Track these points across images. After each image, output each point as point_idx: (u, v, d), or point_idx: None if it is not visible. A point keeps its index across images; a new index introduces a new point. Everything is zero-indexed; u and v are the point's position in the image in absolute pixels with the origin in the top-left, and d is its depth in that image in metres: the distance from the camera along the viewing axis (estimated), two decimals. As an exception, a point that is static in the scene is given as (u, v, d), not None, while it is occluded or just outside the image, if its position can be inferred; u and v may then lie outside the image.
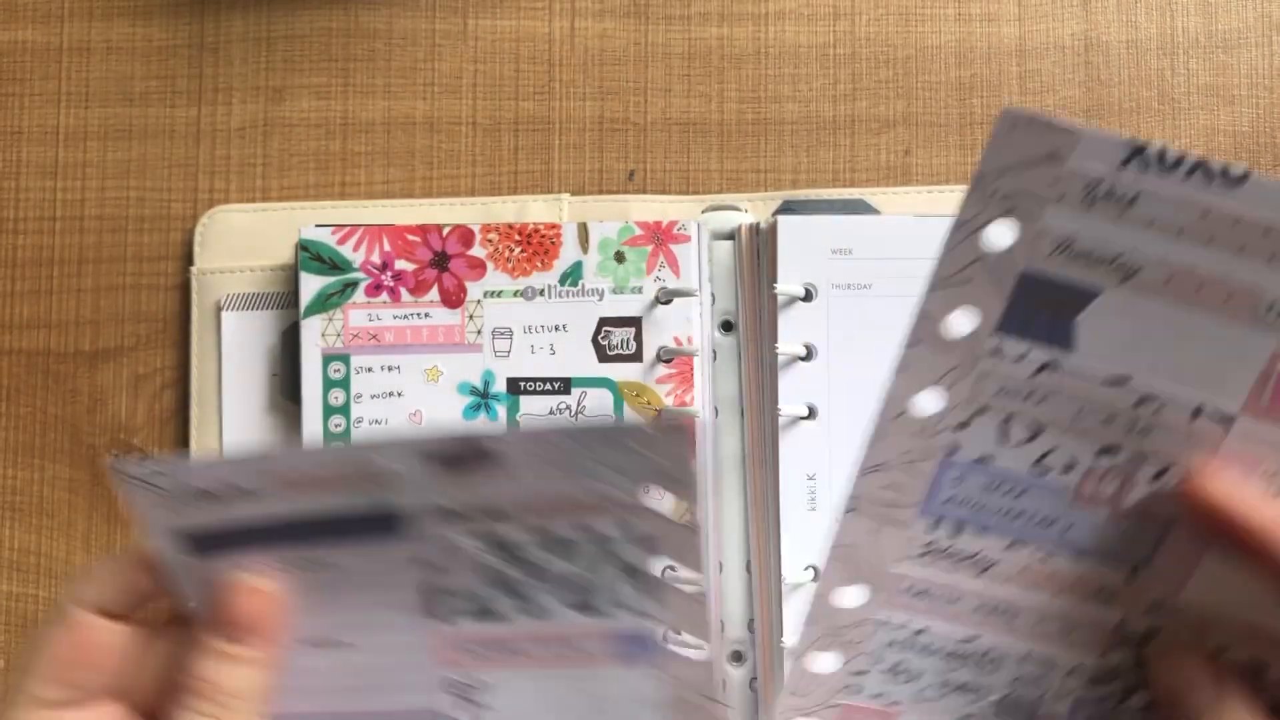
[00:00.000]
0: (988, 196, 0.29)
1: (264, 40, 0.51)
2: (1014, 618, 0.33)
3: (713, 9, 0.51)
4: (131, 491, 0.32)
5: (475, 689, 0.35)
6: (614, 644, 0.34)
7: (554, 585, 0.34)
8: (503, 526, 0.33)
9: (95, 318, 0.50)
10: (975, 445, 0.31)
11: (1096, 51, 0.50)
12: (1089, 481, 0.31)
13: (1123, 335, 0.30)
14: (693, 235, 0.47)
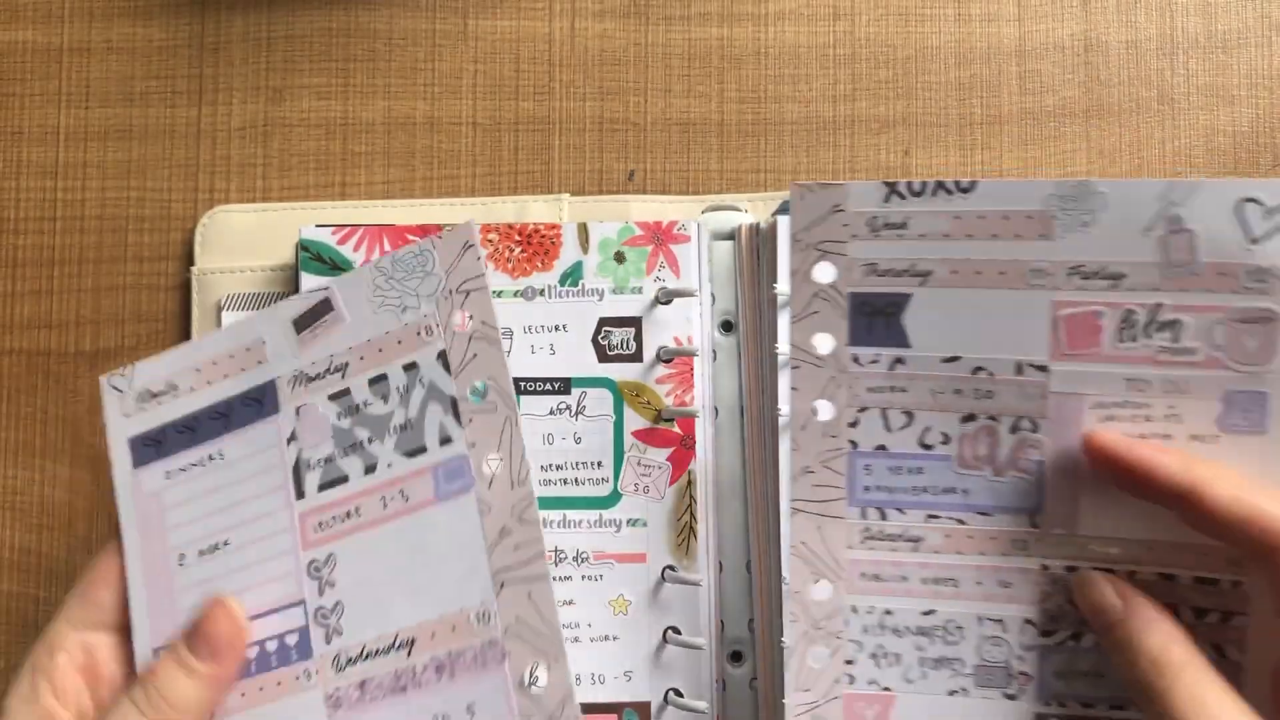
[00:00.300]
0: (804, 249, 0.37)
1: (264, 40, 0.51)
2: (955, 583, 0.38)
3: (713, 9, 0.51)
4: (106, 398, 0.40)
5: (325, 565, 0.38)
6: (436, 481, 0.37)
7: (391, 435, 0.38)
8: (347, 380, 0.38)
9: (95, 318, 0.50)
10: (869, 438, 0.38)
11: (1096, 52, 0.50)
12: (964, 447, 0.37)
13: (940, 324, 0.37)
14: (693, 235, 0.47)
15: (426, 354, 0.38)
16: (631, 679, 0.46)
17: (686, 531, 0.46)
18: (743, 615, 0.47)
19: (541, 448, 0.47)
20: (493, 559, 0.37)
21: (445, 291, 0.38)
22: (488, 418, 0.37)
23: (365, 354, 0.38)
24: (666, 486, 0.46)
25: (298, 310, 0.39)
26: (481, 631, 0.37)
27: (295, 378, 0.39)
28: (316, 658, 0.38)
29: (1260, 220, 0.34)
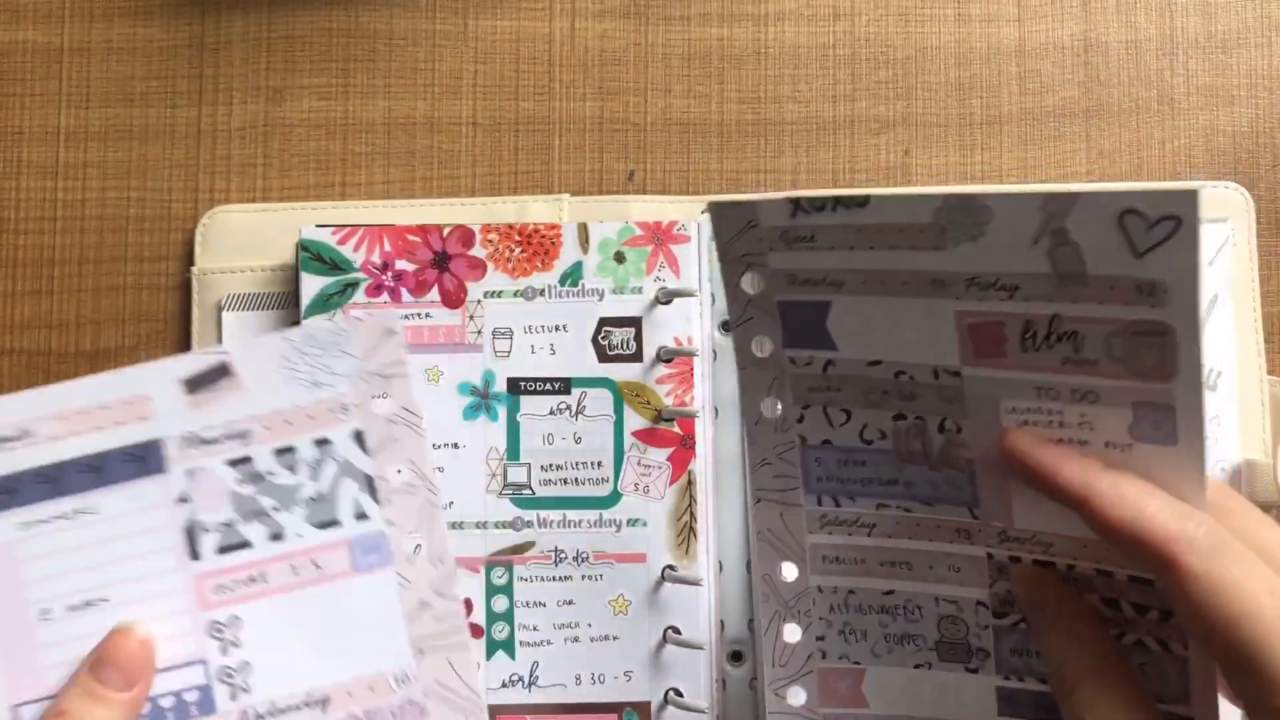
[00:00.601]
0: (730, 262, 0.38)
1: (264, 41, 0.51)
2: (909, 567, 0.39)
3: (713, 9, 0.51)
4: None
5: (228, 626, 0.38)
6: (352, 555, 0.38)
7: (300, 506, 0.38)
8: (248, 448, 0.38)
9: (96, 318, 0.50)
10: (816, 432, 0.39)
11: (1096, 52, 0.50)
12: (900, 442, 0.38)
13: (860, 329, 0.37)
14: (693, 235, 0.47)
15: (340, 431, 0.38)
16: (631, 679, 0.46)
17: (686, 531, 0.46)
18: (743, 615, 0.47)
19: (542, 448, 0.47)
20: (412, 629, 0.38)
21: (364, 373, 0.38)
22: (408, 499, 0.38)
23: (271, 424, 0.38)
24: (666, 486, 0.46)
25: (191, 370, 0.38)
26: (400, 692, 0.38)
27: (186, 439, 0.38)
28: (221, 713, 0.38)
29: (1143, 233, 0.31)
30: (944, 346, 0.36)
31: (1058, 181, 0.49)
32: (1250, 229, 0.48)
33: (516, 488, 0.47)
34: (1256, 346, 0.47)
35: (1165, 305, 0.31)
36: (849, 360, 0.38)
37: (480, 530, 0.46)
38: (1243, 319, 0.47)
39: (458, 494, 0.46)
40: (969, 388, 0.36)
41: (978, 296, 0.34)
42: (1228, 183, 0.48)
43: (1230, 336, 0.47)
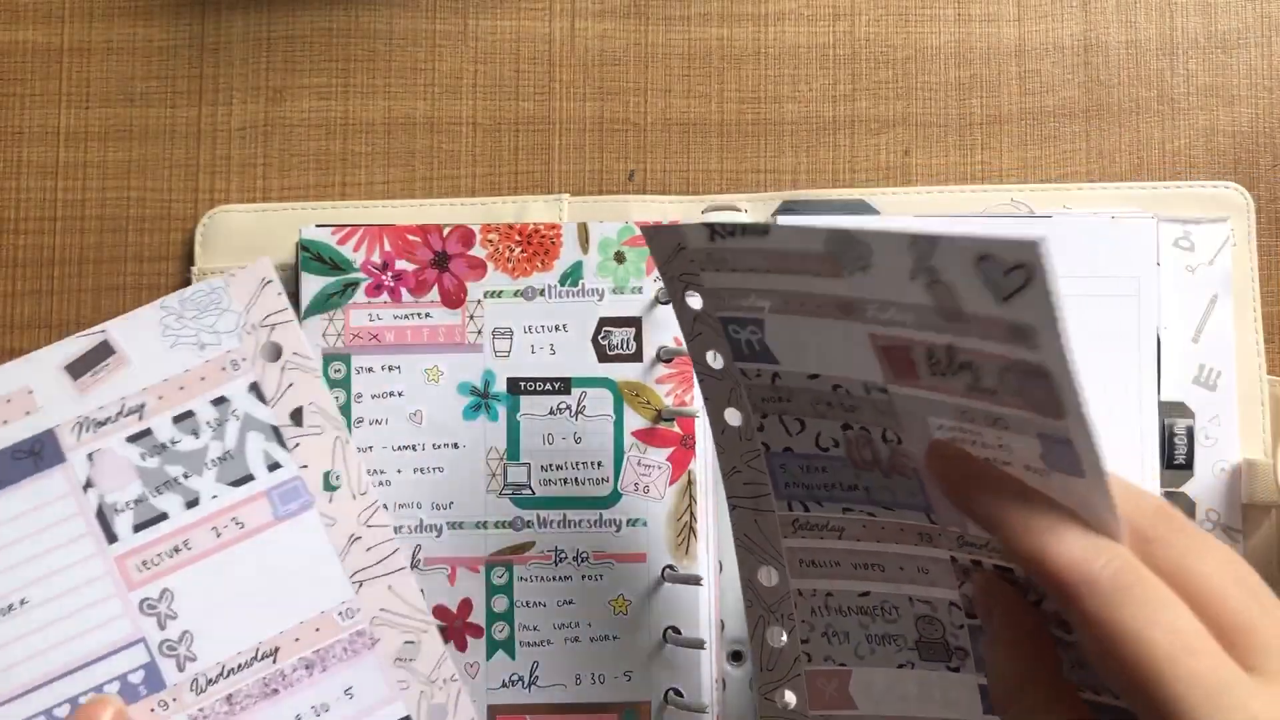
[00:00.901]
0: (670, 280, 0.39)
1: (264, 41, 0.51)
2: (882, 568, 0.39)
3: (713, 9, 0.51)
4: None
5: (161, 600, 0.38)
6: (272, 505, 0.39)
7: (210, 468, 0.38)
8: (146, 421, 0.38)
9: (96, 318, 0.50)
10: (777, 440, 0.39)
11: (1096, 52, 0.50)
12: (852, 450, 0.38)
13: (792, 344, 0.37)
14: None
15: (236, 387, 0.39)
16: (631, 679, 0.46)
17: (686, 531, 0.46)
18: (742, 615, 0.47)
19: (542, 448, 0.47)
20: (346, 563, 0.39)
21: (248, 326, 0.39)
22: (316, 440, 0.39)
23: (164, 393, 0.39)
24: (666, 486, 0.46)
25: (71, 355, 0.39)
26: (347, 626, 0.39)
27: (80, 424, 0.38)
28: (171, 687, 0.38)
29: (1002, 279, 0.29)
30: (867, 365, 0.35)
31: (1058, 181, 0.49)
32: (1250, 229, 0.48)
33: (516, 488, 0.47)
34: (1256, 346, 0.47)
35: (1038, 349, 0.30)
36: (791, 373, 0.38)
37: (480, 530, 0.46)
38: (1243, 319, 0.47)
39: (457, 494, 0.46)
40: (898, 404, 0.35)
41: (882, 321, 0.34)
42: (1228, 183, 0.48)
43: (1230, 336, 0.47)
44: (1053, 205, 0.48)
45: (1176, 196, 0.48)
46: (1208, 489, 0.46)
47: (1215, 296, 0.47)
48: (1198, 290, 0.47)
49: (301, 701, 0.39)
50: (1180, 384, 0.47)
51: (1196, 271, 0.47)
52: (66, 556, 0.38)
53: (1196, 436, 0.46)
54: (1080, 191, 0.49)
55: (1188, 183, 0.49)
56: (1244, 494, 0.46)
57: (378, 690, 0.39)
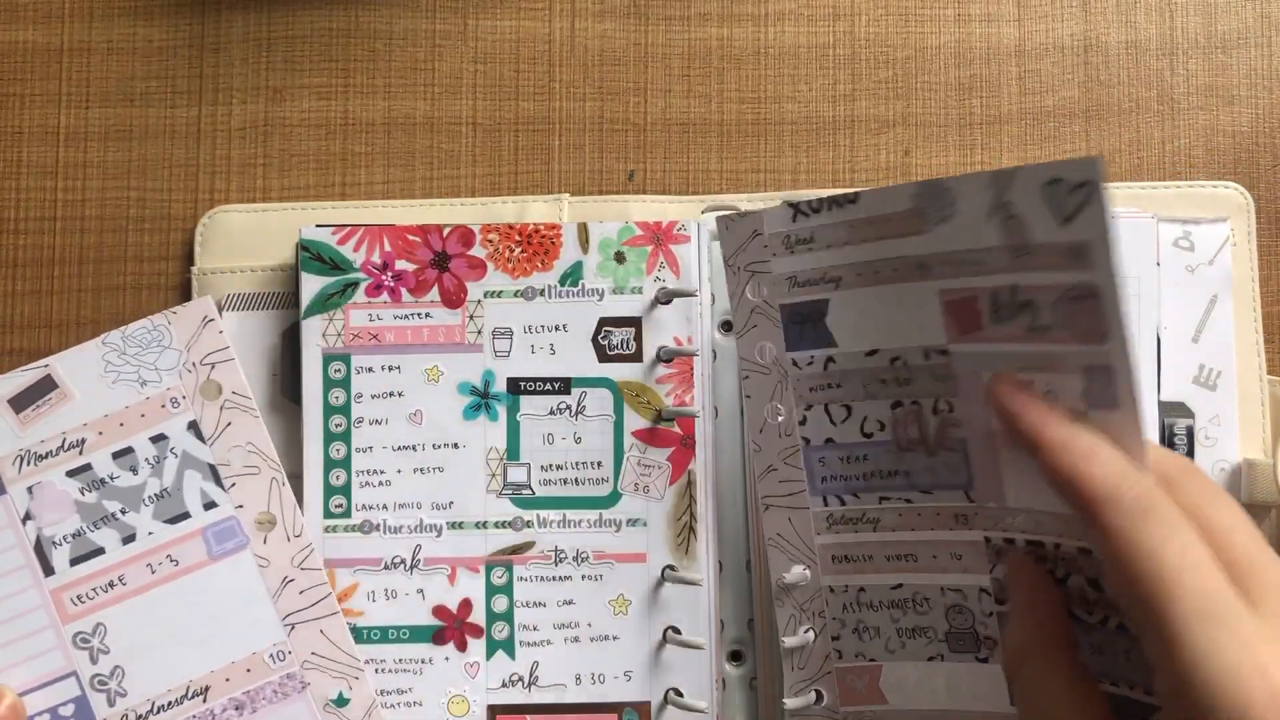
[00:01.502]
0: (735, 272, 0.42)
1: (264, 41, 0.51)
2: (915, 558, 0.41)
3: (713, 9, 0.51)
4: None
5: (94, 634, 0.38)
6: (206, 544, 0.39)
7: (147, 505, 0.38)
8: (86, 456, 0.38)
9: (96, 318, 0.50)
10: (818, 432, 0.42)
11: (1096, 52, 0.50)
12: (898, 431, 0.40)
13: (857, 322, 0.40)
14: (693, 235, 0.47)
15: (175, 425, 0.39)
16: (631, 679, 0.46)
17: (686, 531, 0.46)
18: (743, 615, 0.47)
19: (541, 448, 0.47)
20: (279, 605, 0.39)
21: (189, 364, 0.40)
22: (253, 480, 0.39)
23: (104, 429, 0.39)
24: (666, 486, 0.46)
25: (13, 389, 0.39)
26: (278, 668, 0.39)
27: (21, 457, 0.39)
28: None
29: (1066, 199, 0.33)
30: (931, 327, 0.38)
31: (1058, 181, 0.49)
32: (1250, 229, 0.48)
33: (516, 487, 0.47)
34: (1256, 346, 0.47)
35: (1091, 267, 0.33)
36: (848, 354, 0.41)
37: (480, 530, 0.46)
38: (1243, 319, 0.47)
39: (457, 494, 0.46)
40: (956, 363, 0.38)
41: (954, 274, 0.37)
42: (1228, 183, 0.48)
43: (1230, 336, 0.47)
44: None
45: (1176, 196, 0.48)
46: None
47: (1215, 296, 0.47)
48: (1198, 290, 0.47)
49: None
50: (1180, 384, 0.47)
51: (1196, 271, 0.47)
52: (4, 587, 0.38)
53: (1196, 436, 0.46)
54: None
55: (1188, 183, 0.49)
56: (1244, 494, 0.46)
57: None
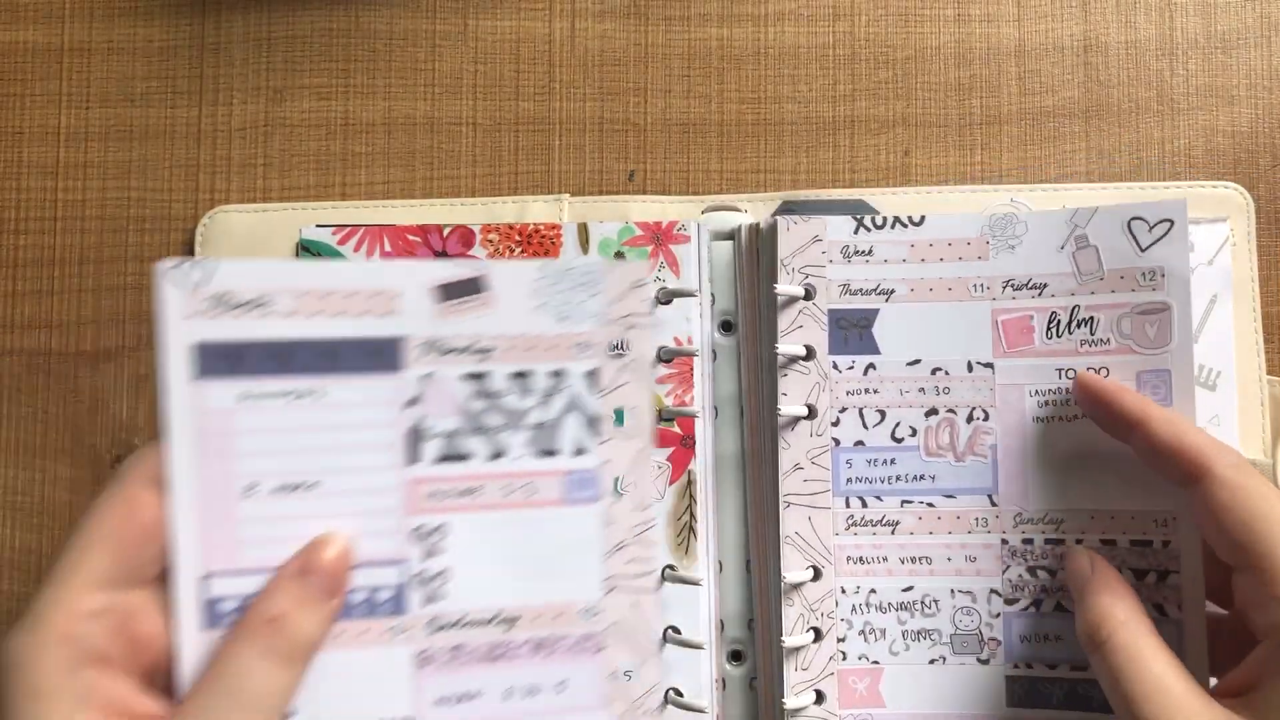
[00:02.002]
0: (790, 273, 0.45)
1: (265, 41, 0.51)
2: (930, 561, 0.44)
3: (713, 10, 0.51)
4: (164, 292, 0.37)
5: (434, 534, 0.38)
6: (565, 486, 0.39)
7: (525, 430, 0.38)
8: (487, 365, 0.38)
9: (96, 318, 0.50)
10: (849, 434, 0.45)
11: (1096, 52, 0.50)
12: (929, 438, 0.44)
13: (903, 333, 0.44)
14: (693, 236, 0.47)
15: (576, 367, 0.38)
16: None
17: (686, 531, 0.46)
18: (743, 615, 0.47)
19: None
20: (606, 565, 0.39)
21: (609, 317, 0.39)
22: (624, 443, 0.39)
23: (513, 346, 0.38)
24: (666, 486, 0.46)
25: (447, 277, 0.38)
26: (584, 624, 0.38)
27: (428, 344, 0.37)
28: (409, 616, 0.38)
29: (1145, 234, 0.43)
30: (979, 342, 0.44)
31: (1057, 182, 0.49)
32: (1250, 229, 0.48)
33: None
34: (1256, 346, 0.47)
35: (1164, 287, 0.42)
36: (890, 362, 0.45)
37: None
38: (1242, 319, 0.47)
39: None
40: (1000, 376, 0.44)
41: (1012, 296, 0.44)
42: (1227, 183, 0.48)
43: (1230, 336, 0.47)
44: (1052, 205, 0.48)
45: (1175, 196, 0.48)
46: None
47: (1215, 296, 0.47)
48: (1197, 290, 0.47)
49: (517, 677, 0.38)
50: None
51: (1196, 271, 0.47)
52: (368, 460, 0.37)
53: None
54: (1080, 192, 0.49)
55: (1187, 183, 0.49)
56: None
57: (588, 695, 0.39)
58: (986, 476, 0.44)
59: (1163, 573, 0.41)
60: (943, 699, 0.43)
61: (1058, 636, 0.43)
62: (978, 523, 0.44)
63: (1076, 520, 0.43)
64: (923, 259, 0.44)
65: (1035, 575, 0.43)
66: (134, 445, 0.49)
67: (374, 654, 0.38)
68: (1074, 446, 0.43)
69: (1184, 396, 0.42)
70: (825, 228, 0.45)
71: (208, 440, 0.36)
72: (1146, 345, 0.42)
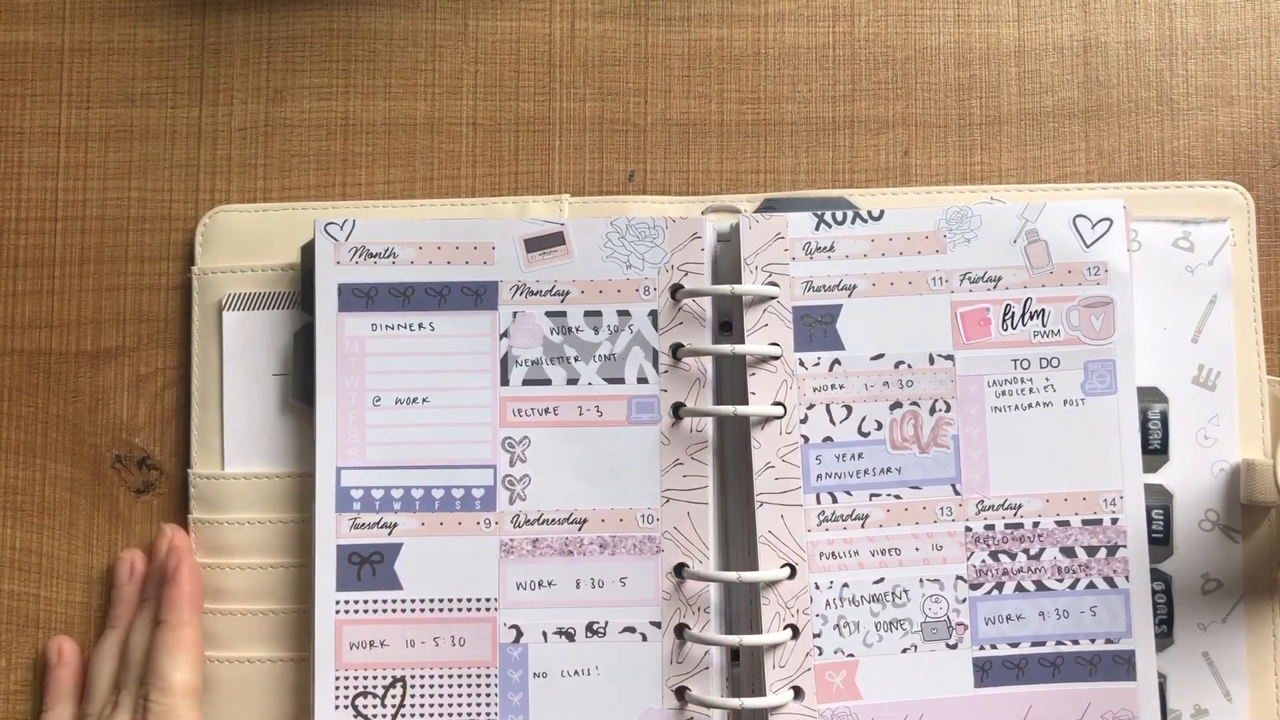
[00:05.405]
0: (754, 271, 0.46)
1: (265, 41, 0.51)
2: (899, 552, 0.45)
3: (713, 10, 0.51)
4: (320, 242, 0.47)
5: (519, 444, 0.46)
6: (629, 409, 0.46)
7: (595, 361, 0.46)
8: (565, 305, 0.46)
9: (97, 318, 0.50)
10: (818, 430, 0.46)
11: (1095, 52, 0.50)
12: (894, 432, 0.46)
13: (866, 327, 0.46)
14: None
15: (639, 309, 0.46)
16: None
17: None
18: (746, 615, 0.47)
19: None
20: (663, 480, 0.46)
21: (668, 265, 0.46)
22: (681, 374, 0.46)
23: (586, 289, 0.46)
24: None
25: (533, 232, 0.47)
26: (644, 528, 0.46)
27: (518, 287, 0.46)
28: (498, 512, 0.46)
29: (1089, 230, 0.46)
30: (939, 334, 0.46)
31: (1057, 182, 0.50)
32: (1250, 229, 0.48)
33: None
34: (1256, 346, 0.47)
35: (1107, 282, 0.46)
36: (854, 357, 0.45)
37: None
38: (1242, 319, 0.47)
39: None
40: (960, 367, 0.46)
41: (969, 289, 0.46)
42: (1227, 183, 0.49)
43: (1230, 337, 0.47)
44: (1052, 205, 0.48)
45: (1176, 196, 0.48)
46: (1207, 489, 0.46)
47: (1215, 297, 0.47)
48: (1197, 290, 0.47)
49: (585, 570, 0.46)
50: (1180, 384, 0.47)
51: (1196, 272, 0.47)
52: (469, 380, 0.46)
53: (1196, 437, 0.47)
54: (1080, 191, 0.49)
55: (1187, 183, 0.49)
56: (1243, 494, 0.46)
57: (646, 591, 0.45)
58: (950, 466, 0.45)
59: (1112, 548, 0.45)
60: (916, 687, 0.45)
61: (1019, 616, 0.45)
62: (943, 512, 0.45)
63: (1033, 504, 0.45)
64: (883, 253, 0.46)
65: (997, 559, 0.45)
66: (134, 445, 0.49)
67: (469, 542, 0.46)
68: (1029, 434, 0.45)
69: (1127, 386, 0.45)
70: (787, 225, 0.46)
71: (345, 360, 0.46)
72: (1093, 336, 0.45)
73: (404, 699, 0.45)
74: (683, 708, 0.45)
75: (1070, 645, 0.45)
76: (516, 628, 0.45)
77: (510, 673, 0.45)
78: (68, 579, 0.49)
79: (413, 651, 0.45)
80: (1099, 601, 0.45)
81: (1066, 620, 0.45)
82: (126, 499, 0.49)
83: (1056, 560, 0.45)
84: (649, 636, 0.45)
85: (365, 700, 0.45)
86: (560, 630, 0.45)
